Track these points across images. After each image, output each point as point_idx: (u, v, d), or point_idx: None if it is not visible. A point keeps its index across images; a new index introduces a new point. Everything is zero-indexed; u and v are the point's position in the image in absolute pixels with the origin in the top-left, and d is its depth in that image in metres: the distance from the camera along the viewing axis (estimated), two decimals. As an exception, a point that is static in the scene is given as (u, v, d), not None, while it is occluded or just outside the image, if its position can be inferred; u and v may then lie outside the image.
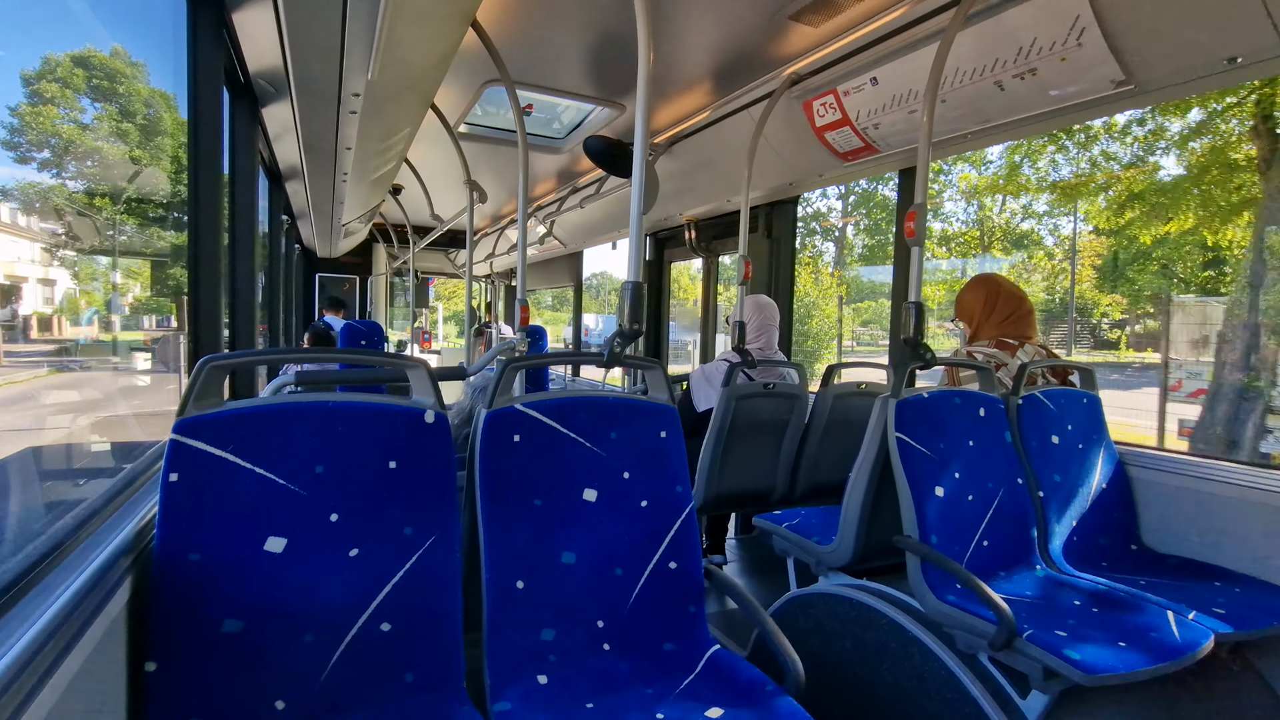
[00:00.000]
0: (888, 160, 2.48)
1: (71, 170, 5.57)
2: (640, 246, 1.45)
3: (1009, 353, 2.05)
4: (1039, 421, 1.87)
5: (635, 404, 1.49)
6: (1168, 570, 1.74)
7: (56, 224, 5.66)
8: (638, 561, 1.40)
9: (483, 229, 6.77)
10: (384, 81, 1.84)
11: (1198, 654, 1.28)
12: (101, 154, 5.29)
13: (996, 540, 1.69)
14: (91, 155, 5.35)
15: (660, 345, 4.92)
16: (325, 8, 1.46)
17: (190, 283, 1.76)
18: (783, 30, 2.13)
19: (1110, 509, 1.89)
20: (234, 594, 1.06)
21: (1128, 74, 1.65)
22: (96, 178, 5.72)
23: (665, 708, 1.18)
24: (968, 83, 1.92)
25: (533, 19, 2.15)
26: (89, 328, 6.45)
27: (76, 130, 5.33)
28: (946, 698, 1.40)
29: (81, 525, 1.00)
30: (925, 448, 1.64)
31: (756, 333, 2.75)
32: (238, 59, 2.05)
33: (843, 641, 1.67)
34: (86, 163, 5.49)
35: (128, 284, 6.62)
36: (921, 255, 1.78)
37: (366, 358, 1.46)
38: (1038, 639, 1.28)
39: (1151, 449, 1.97)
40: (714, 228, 4.09)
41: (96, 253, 6.07)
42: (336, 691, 1.10)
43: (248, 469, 1.10)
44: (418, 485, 1.22)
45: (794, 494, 2.69)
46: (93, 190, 5.71)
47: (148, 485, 1.25)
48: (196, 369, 1.10)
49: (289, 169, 3.58)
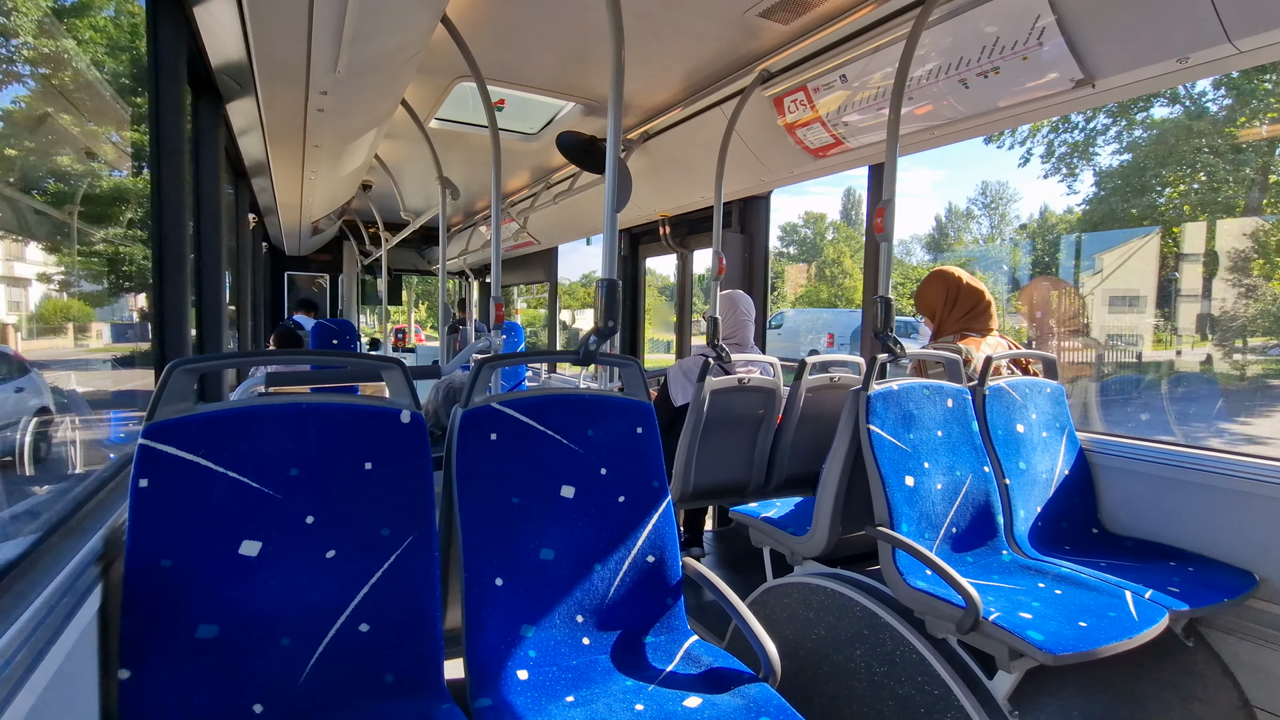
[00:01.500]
0: (857, 156, 2.51)
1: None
2: (615, 243, 1.46)
3: (973, 345, 2.10)
4: (1004, 411, 1.93)
5: (612, 401, 1.50)
6: (1126, 552, 1.81)
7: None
8: (616, 556, 1.41)
9: (455, 225, 6.70)
10: (352, 76, 1.82)
11: (1154, 630, 1.34)
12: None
13: (964, 527, 1.74)
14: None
15: (636, 342, 4.93)
16: (290, 1, 1.43)
17: (155, 283, 1.71)
18: (753, 27, 2.15)
19: (1072, 494, 1.96)
20: (208, 599, 1.05)
21: (1086, 73, 1.70)
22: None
23: (645, 698, 1.20)
24: (933, 81, 1.97)
25: (504, 14, 2.13)
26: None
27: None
28: (918, 680, 1.45)
29: (48, 533, 0.97)
30: (896, 439, 1.68)
31: (732, 328, 2.78)
32: (200, 54, 2.00)
33: (817, 629, 1.71)
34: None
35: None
36: (890, 250, 1.82)
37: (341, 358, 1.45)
38: (1003, 621, 1.32)
39: (1111, 436, 2.04)
40: (688, 224, 4.11)
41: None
42: (316, 694, 1.10)
43: (220, 473, 1.09)
44: (394, 486, 1.22)
45: (769, 486, 2.73)
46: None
47: (116, 491, 1.23)
48: (165, 372, 1.08)
49: (255, 165, 3.50)
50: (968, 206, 38.95)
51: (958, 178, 59.31)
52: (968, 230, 37.94)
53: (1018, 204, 37.73)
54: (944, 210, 44.96)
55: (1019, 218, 36.75)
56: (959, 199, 62.31)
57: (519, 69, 2.57)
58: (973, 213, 37.99)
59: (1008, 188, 39.52)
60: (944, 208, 47.62)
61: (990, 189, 37.81)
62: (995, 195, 37.35)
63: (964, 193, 60.21)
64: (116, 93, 2.64)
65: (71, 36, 2.22)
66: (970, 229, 38.00)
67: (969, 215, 38.06)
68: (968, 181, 58.67)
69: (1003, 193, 37.48)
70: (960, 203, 44.59)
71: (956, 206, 40.28)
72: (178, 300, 1.73)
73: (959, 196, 60.75)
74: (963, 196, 57.10)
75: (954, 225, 38.47)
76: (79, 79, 2.35)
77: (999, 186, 39.20)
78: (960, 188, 58.73)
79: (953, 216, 38.87)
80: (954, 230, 38.28)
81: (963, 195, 67.91)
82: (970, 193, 73.79)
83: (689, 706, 1.16)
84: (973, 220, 38.05)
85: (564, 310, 22.20)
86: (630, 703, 1.18)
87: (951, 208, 40.14)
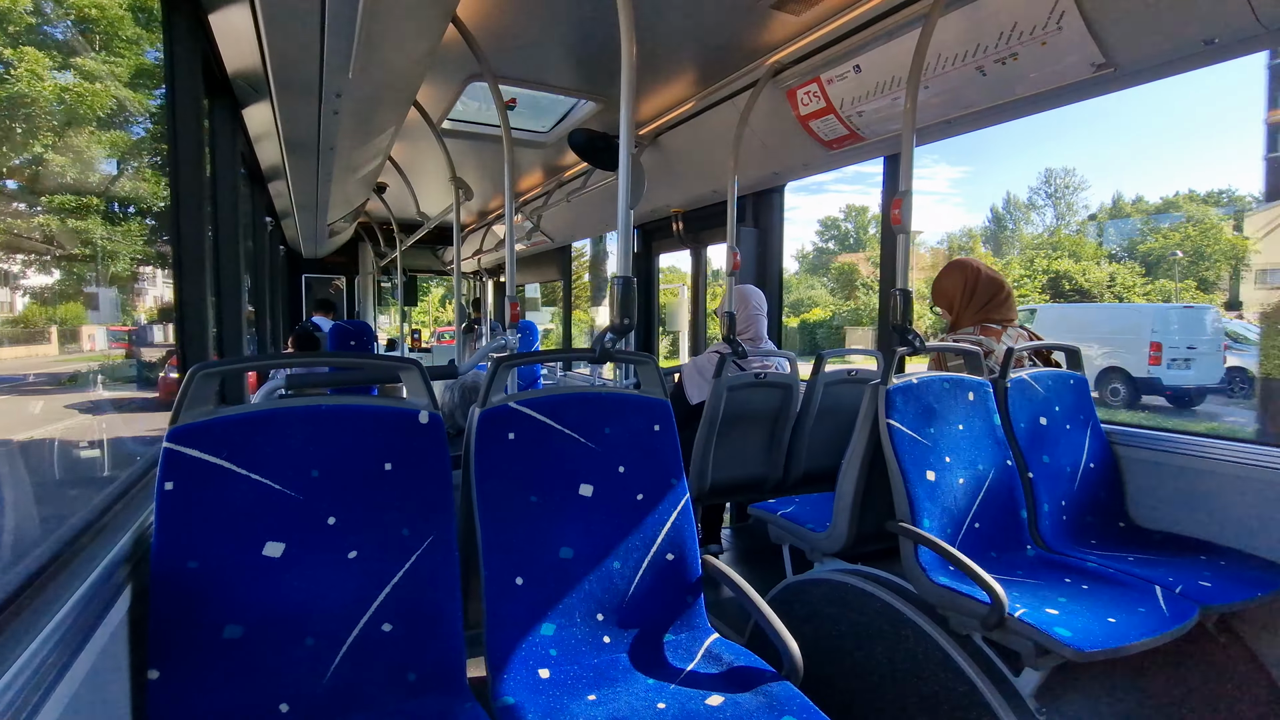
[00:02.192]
0: (872, 148, 2.48)
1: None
2: (629, 240, 1.45)
3: (993, 337, 2.07)
4: (1026, 403, 1.90)
5: (628, 399, 1.49)
6: (1154, 546, 1.77)
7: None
8: (635, 554, 1.41)
9: (470, 225, 6.73)
10: (365, 80, 1.83)
11: (1185, 627, 1.31)
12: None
13: (987, 522, 1.71)
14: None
15: (651, 339, 4.93)
16: (304, 5, 1.44)
17: (175, 289, 1.74)
18: (765, 19, 2.13)
19: (1098, 488, 1.92)
20: (234, 600, 1.06)
21: (1107, 57, 1.66)
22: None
23: (666, 697, 1.19)
24: (950, 68, 1.93)
25: (514, 13, 2.13)
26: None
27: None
28: (941, 678, 1.43)
29: (79, 535, 0.99)
30: (915, 433, 1.66)
31: (745, 323, 2.76)
32: (216, 60, 2.03)
33: (838, 626, 1.69)
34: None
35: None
36: (908, 242, 1.79)
37: (359, 360, 1.46)
38: (1029, 617, 1.30)
39: (1137, 427, 2.00)
40: (701, 219, 4.10)
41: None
42: (340, 693, 1.11)
43: (243, 475, 1.10)
44: (414, 486, 1.23)
45: (787, 482, 2.72)
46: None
47: (143, 494, 1.25)
48: (187, 377, 1.09)
49: (271, 169, 3.54)
50: (1030, 196, 36.10)
51: (981, 174, 57.69)
52: (1028, 221, 35.11)
53: (1086, 191, 34.94)
54: (1001, 200, 40.36)
55: (1087, 206, 34.07)
56: (986, 196, 59.73)
57: (530, 68, 2.57)
58: (1035, 202, 35.25)
59: (1074, 174, 36.18)
60: (1001, 198, 42.95)
61: (1055, 176, 34.98)
62: (1061, 183, 34.59)
63: (995, 189, 57.67)
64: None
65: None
66: (1031, 219, 35.18)
67: (1031, 205, 35.29)
68: (990, 178, 57.05)
69: (1069, 179, 34.76)
70: (1017, 194, 40.09)
71: (1016, 196, 36.74)
72: (198, 305, 1.75)
73: (986, 194, 58.35)
74: (1022, 187, 53.49)
75: (1013, 216, 35.75)
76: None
77: (1065, 173, 35.91)
78: (981, 186, 57.03)
79: (1011, 207, 36.07)
80: (1012, 221, 35.54)
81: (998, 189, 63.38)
82: (1012, 184, 68.11)
83: (711, 705, 1.16)
84: (1034, 210, 35.21)
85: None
86: (652, 701, 1.18)
87: (1010, 198, 36.62)
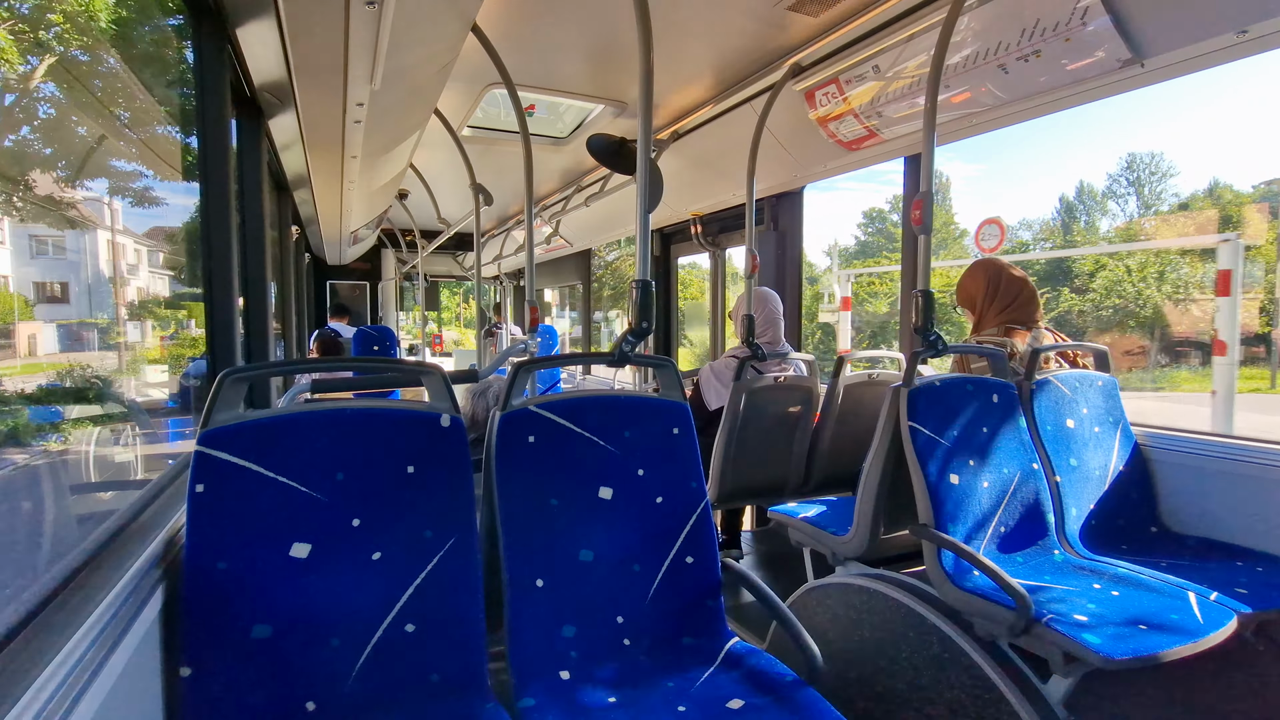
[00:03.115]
0: (892, 148, 2.46)
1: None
2: (647, 244, 1.46)
3: (1018, 338, 2.03)
4: (1053, 405, 1.86)
5: (648, 402, 1.50)
6: (1188, 551, 1.72)
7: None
8: (655, 557, 1.41)
9: (490, 230, 6.80)
10: (387, 89, 1.86)
11: (1221, 634, 1.28)
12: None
13: (1013, 526, 1.68)
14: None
15: (670, 342, 4.93)
16: (326, 19, 1.47)
17: (205, 296, 1.78)
18: (782, 21, 2.12)
19: (1128, 491, 1.88)
20: (262, 600, 1.09)
21: (1134, 52, 1.63)
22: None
23: (687, 700, 1.19)
24: (971, 67, 1.91)
25: (532, 20, 2.15)
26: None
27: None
28: (967, 684, 1.41)
29: (113, 536, 1.02)
30: (938, 435, 1.64)
31: (764, 326, 2.75)
32: (243, 73, 2.08)
33: (861, 631, 1.68)
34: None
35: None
36: (929, 243, 1.77)
37: (383, 365, 1.49)
38: (1057, 623, 1.28)
39: (1169, 430, 1.95)
40: (720, 222, 4.09)
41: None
42: (365, 693, 1.13)
43: (270, 477, 1.12)
44: (436, 489, 1.24)
45: (808, 485, 2.70)
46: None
47: (175, 495, 1.28)
48: (217, 381, 1.12)
49: (296, 178, 3.61)
50: (1108, 185, 31.97)
51: (992, 171, 56.41)
52: (1104, 212, 31.20)
53: (1175, 179, 31.09)
54: (1074, 190, 35.05)
55: (1178, 195, 30.21)
56: (1002, 189, 57.47)
57: (548, 74, 2.59)
58: (1114, 191, 31.32)
59: (1161, 160, 31.93)
60: (1073, 187, 38.06)
61: (1138, 163, 31.19)
62: (1146, 169, 30.70)
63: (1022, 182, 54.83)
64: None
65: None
66: (1107, 209, 31.21)
67: (1109, 195, 31.40)
68: (1001, 174, 55.40)
69: (1156, 166, 30.84)
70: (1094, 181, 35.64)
71: (1091, 185, 32.46)
72: (226, 312, 1.79)
73: (1000, 189, 56.00)
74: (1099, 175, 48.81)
75: (1086, 208, 31.80)
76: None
77: (1150, 159, 31.83)
78: (990, 183, 55.32)
79: (1085, 196, 31.97)
80: (1084, 214, 31.62)
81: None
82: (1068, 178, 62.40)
83: (732, 709, 1.15)
84: (1112, 200, 31.28)
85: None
86: (673, 704, 1.18)
87: (1084, 187, 32.32)
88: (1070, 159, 52.75)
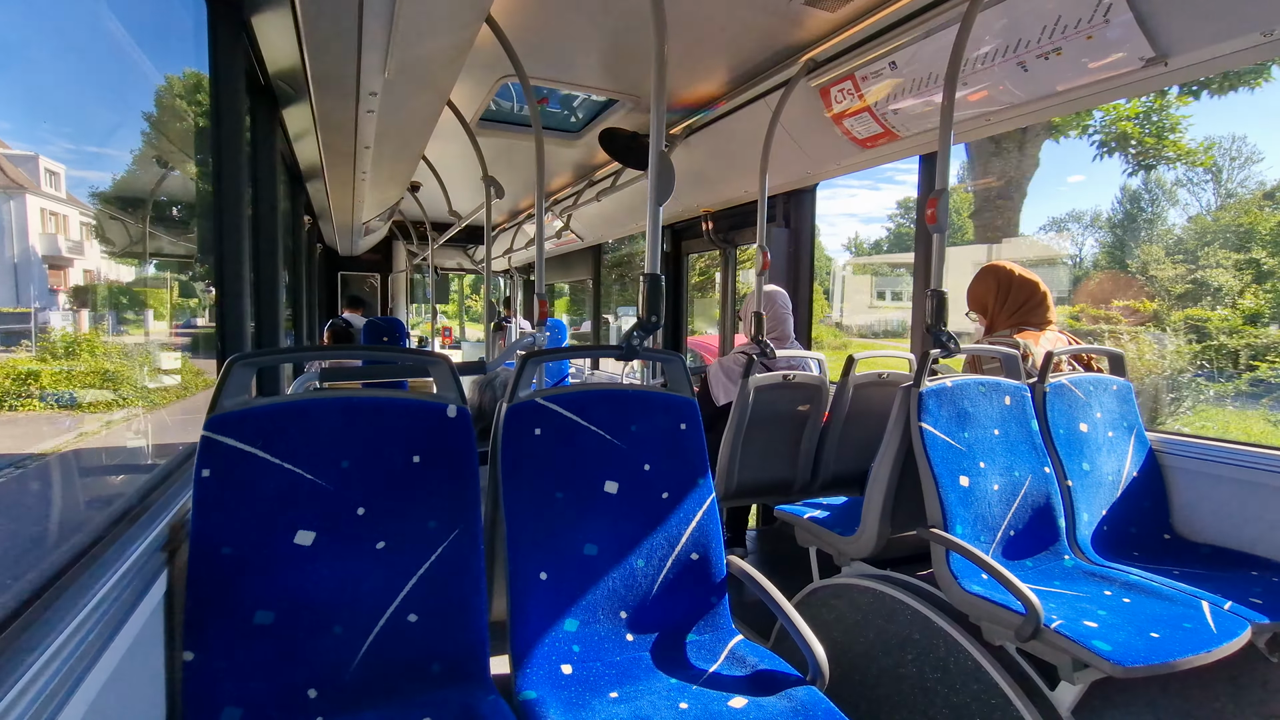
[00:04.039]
0: (907, 146, 2.44)
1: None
2: (658, 239, 1.45)
3: (1031, 340, 2.01)
4: (1066, 409, 1.84)
5: (655, 397, 1.49)
6: (1202, 560, 1.70)
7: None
8: (659, 553, 1.40)
9: (500, 224, 6.80)
10: (400, 79, 1.85)
11: (1234, 644, 1.25)
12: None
13: (1023, 530, 1.66)
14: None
15: (679, 338, 4.91)
16: (341, 8, 1.47)
17: (216, 283, 1.79)
18: (798, 16, 2.10)
19: (1141, 498, 1.85)
20: (265, 586, 1.09)
21: (1157, 50, 1.60)
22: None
23: (689, 697, 1.18)
24: (990, 64, 1.88)
25: (546, 13, 2.14)
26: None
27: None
28: (973, 689, 1.39)
29: (118, 520, 1.03)
30: (949, 437, 1.62)
31: (773, 323, 2.74)
32: (258, 62, 2.08)
33: (866, 632, 1.66)
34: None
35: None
36: (944, 242, 1.75)
37: (391, 354, 1.49)
38: (1067, 629, 1.26)
39: (1185, 436, 1.92)
40: (731, 218, 4.07)
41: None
42: (367, 681, 1.13)
43: (276, 464, 1.13)
44: (441, 479, 1.24)
45: (815, 484, 2.68)
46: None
47: (181, 480, 1.29)
48: (225, 367, 1.12)
49: (309, 168, 3.62)
50: (1180, 173, 29.71)
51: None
52: (1174, 203, 29.05)
53: (1259, 164, 29.40)
54: (1139, 180, 32.19)
55: (1263, 182, 28.33)
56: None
57: (562, 67, 2.58)
58: (1187, 179, 29.33)
59: (1245, 143, 30.22)
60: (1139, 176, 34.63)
61: (1218, 147, 29.01)
62: (1226, 154, 28.60)
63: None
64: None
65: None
66: (1178, 198, 28.88)
67: (1182, 183, 29.40)
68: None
69: (1238, 150, 29.30)
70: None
71: (1160, 175, 30.14)
72: (237, 299, 1.80)
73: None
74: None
75: (1153, 199, 29.79)
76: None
77: (1230, 142, 30.30)
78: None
79: (1152, 186, 30.19)
80: (1149, 206, 29.73)
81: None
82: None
83: (734, 707, 1.14)
84: (1183, 188, 29.29)
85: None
86: (674, 701, 1.17)
87: (1151, 177, 30.13)
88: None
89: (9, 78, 1.19)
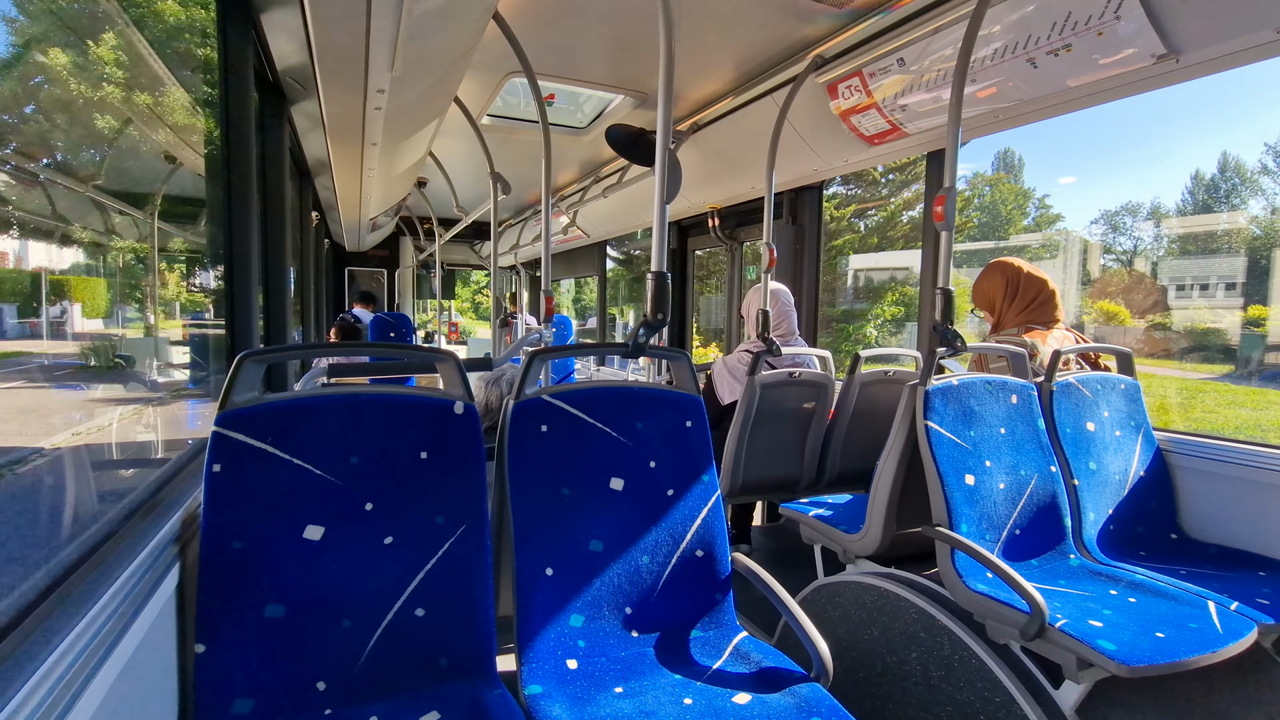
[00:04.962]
0: (915, 143, 2.43)
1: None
2: (664, 236, 1.45)
3: (1038, 339, 2.00)
4: (1074, 408, 1.83)
5: (661, 394, 1.49)
6: (1209, 560, 1.69)
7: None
8: (664, 549, 1.41)
9: (507, 220, 6.81)
10: (408, 76, 1.86)
11: (1240, 645, 1.25)
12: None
13: (1029, 529, 1.66)
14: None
15: (685, 335, 4.91)
16: (349, 5, 1.47)
17: (225, 279, 1.80)
18: (806, 12, 2.09)
19: (1148, 497, 1.84)
20: (276, 580, 1.10)
21: (1169, 47, 1.58)
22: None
23: (693, 693, 1.19)
24: (999, 61, 1.87)
25: (553, 9, 2.14)
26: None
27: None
28: (977, 687, 1.39)
29: (131, 514, 1.04)
30: (955, 435, 1.62)
31: (777, 320, 2.73)
32: (266, 58, 2.09)
33: (870, 630, 1.67)
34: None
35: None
36: (951, 240, 1.74)
37: (398, 350, 1.50)
38: (1071, 628, 1.26)
39: (1193, 435, 1.91)
40: (738, 215, 4.06)
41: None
42: (374, 675, 1.14)
43: (285, 459, 1.14)
44: (448, 475, 1.25)
45: (820, 482, 2.68)
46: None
47: (192, 475, 1.30)
48: (235, 363, 1.13)
49: (317, 164, 3.64)
50: (1259, 161, 22.70)
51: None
52: (1255, 191, 22.08)
53: None
54: (1215, 167, 25.49)
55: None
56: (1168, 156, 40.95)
57: (568, 63, 2.58)
58: (1269, 167, 22.40)
59: None
60: (1215, 162, 29.39)
61: None
62: None
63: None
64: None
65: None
66: (1260, 185, 21.66)
67: (1264, 171, 22.44)
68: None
69: None
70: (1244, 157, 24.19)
71: (1239, 160, 23.43)
72: (246, 295, 1.81)
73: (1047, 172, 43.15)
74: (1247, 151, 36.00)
75: (1231, 187, 23.11)
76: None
77: None
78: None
79: (1229, 172, 23.47)
80: (1224, 196, 22.91)
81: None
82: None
83: (738, 703, 1.15)
84: (1266, 176, 21.86)
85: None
86: (679, 696, 1.18)
87: (1227, 162, 23.94)
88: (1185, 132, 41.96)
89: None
